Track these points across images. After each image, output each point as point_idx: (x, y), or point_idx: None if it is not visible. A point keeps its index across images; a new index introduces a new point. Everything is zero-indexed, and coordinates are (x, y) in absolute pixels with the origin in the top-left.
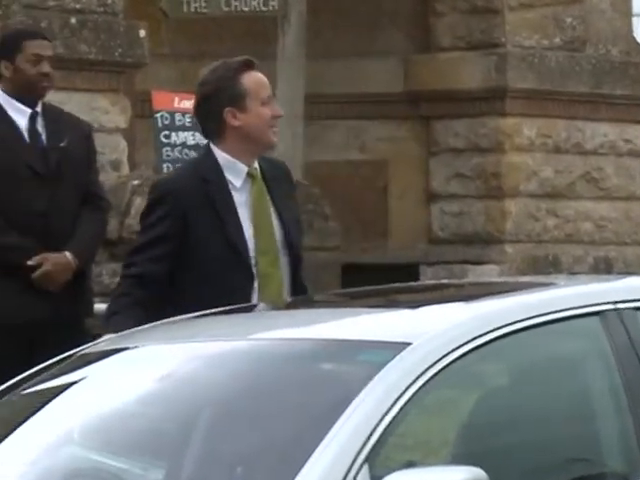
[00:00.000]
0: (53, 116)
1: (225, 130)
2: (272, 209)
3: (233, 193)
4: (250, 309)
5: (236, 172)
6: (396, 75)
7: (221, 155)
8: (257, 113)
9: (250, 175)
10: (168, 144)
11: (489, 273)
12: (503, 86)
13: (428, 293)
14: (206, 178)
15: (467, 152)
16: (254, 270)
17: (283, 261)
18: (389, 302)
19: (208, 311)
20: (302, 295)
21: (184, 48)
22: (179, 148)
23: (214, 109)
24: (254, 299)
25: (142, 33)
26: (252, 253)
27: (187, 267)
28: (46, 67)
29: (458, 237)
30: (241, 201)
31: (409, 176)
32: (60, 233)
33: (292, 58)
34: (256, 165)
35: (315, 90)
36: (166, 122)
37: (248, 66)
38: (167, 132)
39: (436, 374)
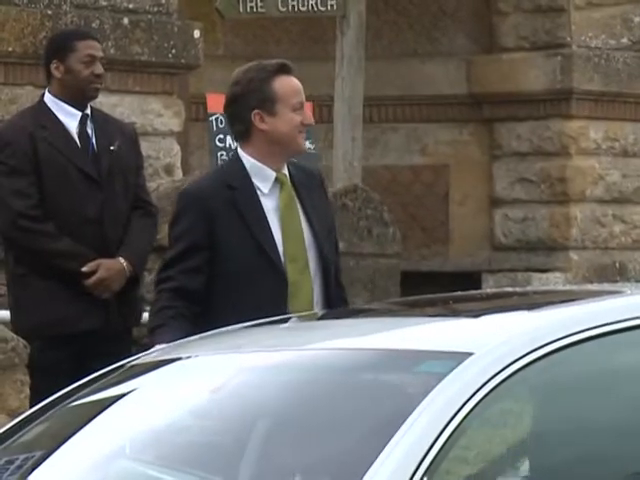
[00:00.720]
0: (101, 119)
1: (252, 133)
2: (302, 216)
3: (261, 199)
4: (303, 318)
5: (264, 177)
6: (458, 77)
7: (248, 160)
8: (286, 118)
9: (278, 180)
10: (223, 148)
11: (554, 281)
12: (568, 88)
13: (490, 301)
14: (231, 184)
15: (531, 156)
16: (287, 276)
17: (313, 269)
18: (450, 311)
19: (261, 321)
20: (337, 305)
21: (239, 49)
22: (233, 152)
23: (243, 110)
24: (288, 306)
25: (197, 34)
26: (282, 258)
27: (219, 276)
28: (99, 68)
29: (521, 244)
30: (269, 207)
31: (471, 181)
32: (113, 239)
33: (351, 59)
34: (285, 171)
35: (375, 92)
36: (221, 125)
37: (283, 70)
38: (222, 135)
39: (498, 385)
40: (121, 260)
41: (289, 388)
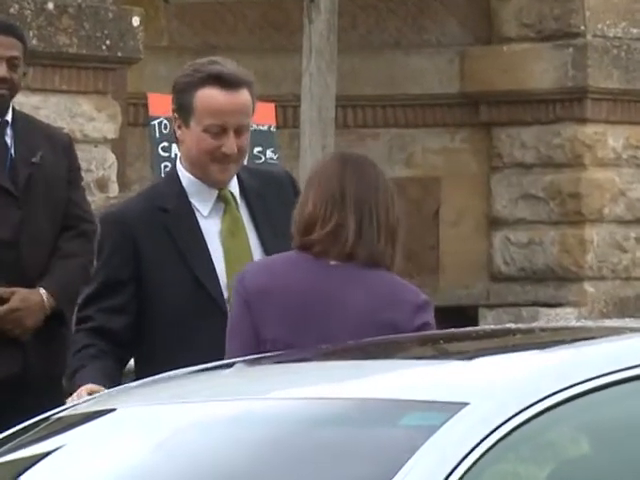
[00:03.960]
0: (25, 126)
1: (178, 142)
2: (254, 239)
3: (201, 222)
4: (261, 361)
5: (203, 197)
6: (450, 72)
7: (185, 175)
8: (195, 138)
9: (222, 199)
10: (167, 158)
11: (565, 317)
12: (582, 85)
13: (489, 341)
14: (163, 206)
15: (537, 167)
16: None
17: None
18: (440, 352)
19: (211, 364)
20: None
21: (187, 40)
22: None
23: (172, 111)
24: None
25: (136, 21)
26: (225, 293)
27: (148, 316)
28: (1, 70)
29: (526, 273)
30: (211, 231)
31: (466, 197)
32: (32, 265)
33: (321, 52)
34: (232, 185)
35: (350, 91)
36: (165, 131)
37: (215, 81)
38: (166, 143)
39: (499, 441)
40: (41, 291)
41: (244, 446)
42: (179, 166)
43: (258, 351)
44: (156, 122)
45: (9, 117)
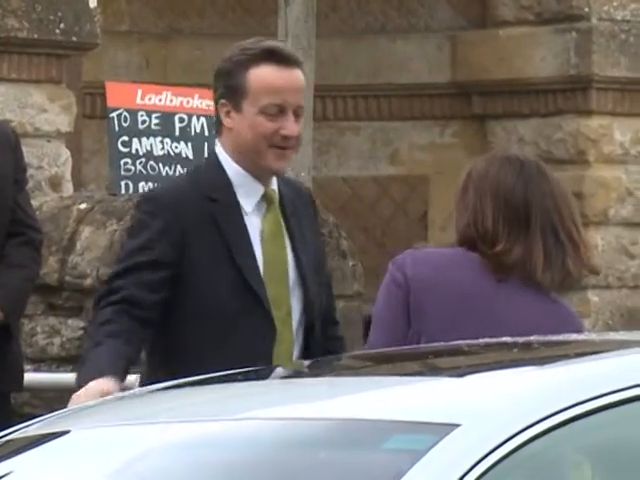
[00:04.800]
0: None
1: (222, 129)
2: (289, 248)
3: (244, 219)
4: (241, 377)
5: (248, 191)
6: (440, 59)
7: (231, 166)
8: (250, 122)
9: (266, 198)
10: (127, 154)
11: None
12: (587, 74)
13: (483, 356)
14: (211, 196)
15: None
16: (274, 320)
17: (297, 319)
18: (429, 368)
19: (181, 381)
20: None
21: (149, 24)
22: (143, 160)
23: (215, 95)
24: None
25: (93, 3)
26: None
27: (185, 308)
28: None
29: None
30: (253, 229)
31: None
32: None
33: (298, 38)
34: (275, 185)
35: (330, 81)
36: (125, 124)
37: (270, 58)
38: (126, 137)
39: (493, 466)
40: None
41: (213, 471)
42: (224, 155)
43: (405, 342)
44: (115, 114)
45: None
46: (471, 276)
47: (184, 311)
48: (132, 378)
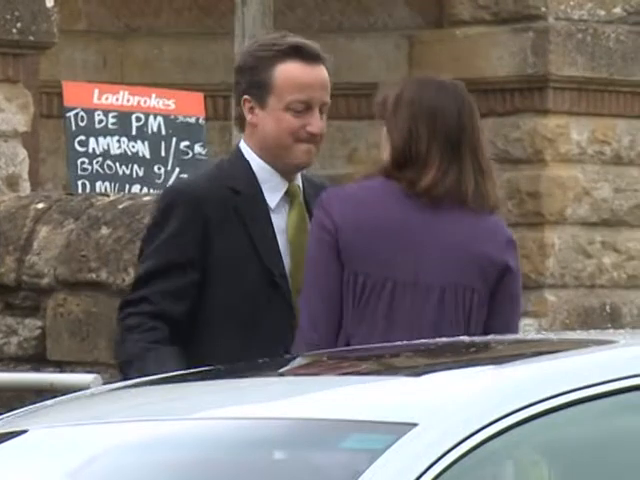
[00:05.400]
0: None
1: (245, 125)
2: None
3: (269, 213)
4: (196, 376)
5: (272, 185)
6: (397, 59)
7: (255, 160)
8: (275, 117)
9: (289, 194)
10: (84, 153)
11: (524, 329)
12: (543, 73)
13: (440, 355)
14: (235, 188)
15: (494, 164)
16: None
17: None
18: (386, 367)
19: (138, 380)
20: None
21: (106, 23)
22: (100, 159)
23: (237, 90)
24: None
25: (49, 2)
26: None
27: (210, 305)
28: None
29: None
30: (278, 224)
31: None
32: None
33: (255, 36)
34: (299, 181)
35: None
36: (81, 123)
37: (296, 54)
38: (83, 137)
39: (450, 466)
40: None
41: (167, 471)
42: (247, 150)
43: (341, 286)
44: (72, 113)
45: None
46: (398, 207)
47: (210, 306)
48: (90, 377)
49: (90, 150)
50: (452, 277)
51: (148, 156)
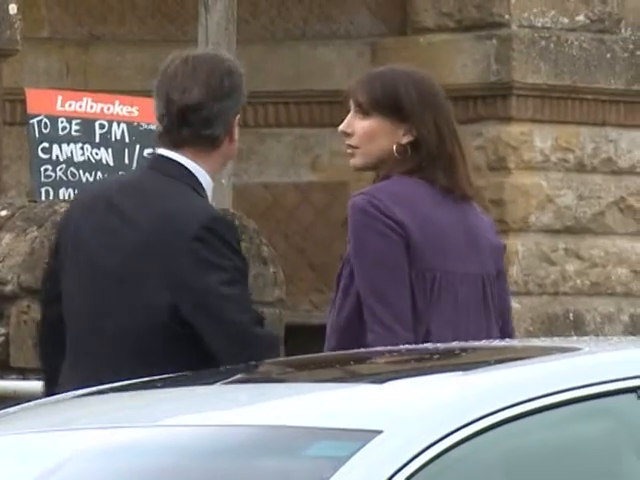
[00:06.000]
0: None
1: (222, 144)
2: None
3: None
4: (163, 383)
5: None
6: (360, 66)
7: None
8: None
9: None
10: (48, 160)
11: None
12: (507, 81)
13: (404, 363)
14: None
15: None
16: None
17: None
18: (350, 375)
19: (103, 387)
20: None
21: (69, 30)
22: (63, 166)
23: (230, 111)
24: None
25: (12, 9)
26: None
27: None
28: None
29: None
30: None
31: None
32: None
33: (218, 44)
34: None
35: (249, 87)
36: (45, 130)
37: None
38: (46, 144)
39: (416, 472)
40: None
41: (139, 478)
42: (191, 165)
43: (411, 285)
44: (35, 120)
45: None
46: (436, 203)
47: None
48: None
49: (54, 157)
50: (484, 267)
51: (112, 163)
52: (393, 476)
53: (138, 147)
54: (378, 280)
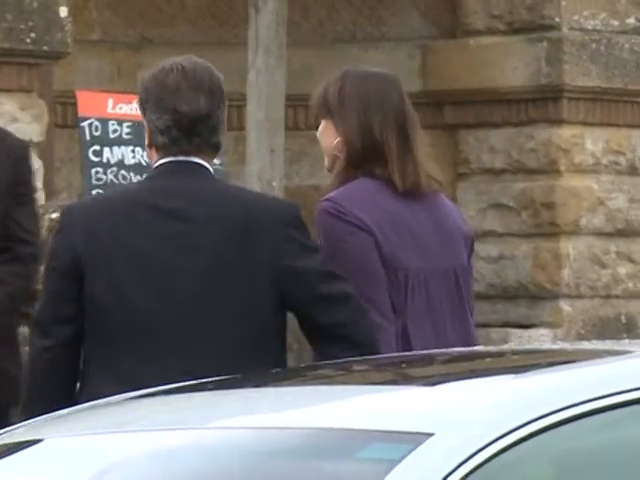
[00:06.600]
0: None
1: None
2: None
3: None
4: (211, 386)
5: None
6: (410, 69)
7: None
8: None
9: None
10: (99, 163)
11: (539, 339)
12: (558, 84)
13: (456, 365)
14: None
15: (508, 174)
16: None
17: None
18: (402, 377)
19: (152, 389)
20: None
21: (120, 33)
22: (114, 169)
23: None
24: None
25: (63, 12)
26: None
27: None
28: None
29: (496, 290)
30: None
31: None
32: None
33: (269, 47)
34: None
35: (301, 89)
36: (96, 133)
37: None
38: (97, 147)
39: (467, 475)
40: None
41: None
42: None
43: (387, 282)
44: (86, 123)
45: None
46: (391, 202)
47: None
48: None
49: (104, 160)
50: (456, 259)
51: None
52: (444, 479)
53: None
54: (357, 278)
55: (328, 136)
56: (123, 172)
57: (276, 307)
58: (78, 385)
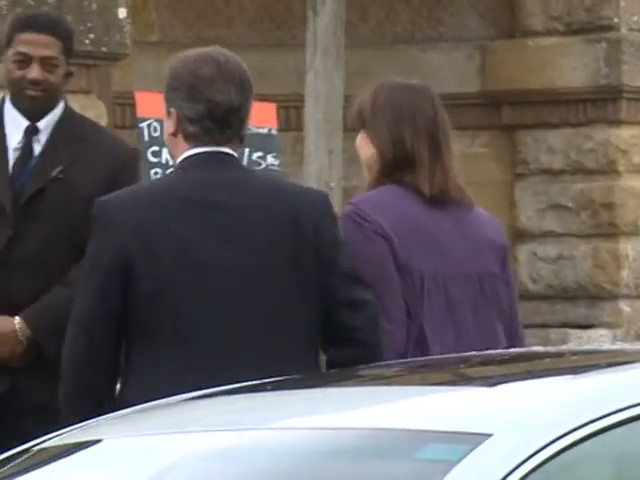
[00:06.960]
0: (72, 134)
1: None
2: None
3: None
4: (271, 386)
5: None
6: (469, 69)
7: None
8: None
9: None
10: (157, 164)
11: (599, 339)
12: (617, 84)
13: (514, 365)
14: None
15: (567, 175)
16: None
17: None
18: (461, 378)
19: (211, 390)
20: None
21: (179, 34)
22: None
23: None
24: None
25: (122, 13)
26: None
27: None
28: (35, 71)
29: (555, 291)
30: None
31: (487, 207)
32: (21, 290)
33: (327, 48)
34: None
35: (358, 90)
36: (155, 134)
37: None
38: (156, 148)
39: (526, 476)
40: (15, 319)
41: None
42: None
43: (403, 285)
44: (145, 124)
45: (43, 123)
46: (417, 209)
47: None
48: None
49: (163, 160)
50: (482, 265)
51: None
52: (504, 479)
53: (247, 150)
54: (371, 281)
55: (364, 148)
56: None
57: (318, 298)
58: (119, 384)
